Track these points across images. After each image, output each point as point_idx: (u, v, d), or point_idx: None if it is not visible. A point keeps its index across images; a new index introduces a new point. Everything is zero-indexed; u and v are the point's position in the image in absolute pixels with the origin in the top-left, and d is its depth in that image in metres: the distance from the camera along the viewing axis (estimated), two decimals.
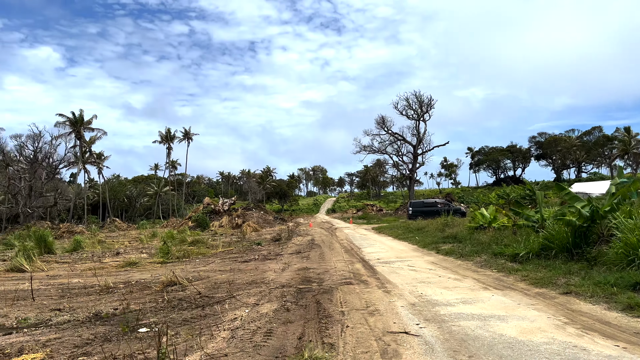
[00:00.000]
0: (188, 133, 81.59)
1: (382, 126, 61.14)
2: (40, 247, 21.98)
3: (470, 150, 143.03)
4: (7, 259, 19.66)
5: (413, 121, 62.91)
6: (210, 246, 21.21)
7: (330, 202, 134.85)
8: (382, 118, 60.65)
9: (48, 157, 56.86)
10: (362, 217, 52.62)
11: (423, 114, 62.87)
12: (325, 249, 17.25)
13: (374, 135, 61.48)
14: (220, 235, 30.63)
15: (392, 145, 63.92)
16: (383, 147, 62.61)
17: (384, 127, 61.18)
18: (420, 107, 62.60)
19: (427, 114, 62.61)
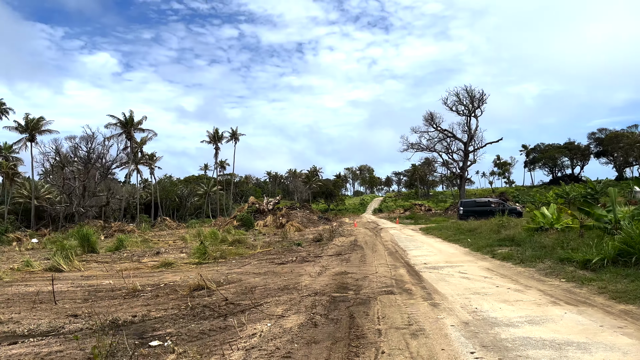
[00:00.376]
0: (235, 133, 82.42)
1: (430, 123, 58.98)
2: (83, 246, 22.12)
3: (525, 147, 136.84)
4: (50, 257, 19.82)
5: (464, 117, 60.33)
6: (250, 246, 20.54)
7: (377, 201, 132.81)
8: (431, 114, 58.49)
9: (101, 157, 58.74)
10: (410, 217, 50.78)
11: (474, 110, 60.12)
12: (368, 251, 16.07)
13: (422, 132, 59.43)
14: (262, 235, 30.07)
15: (441, 142, 61.59)
16: (432, 144, 60.43)
17: (432, 124, 58.99)
18: (471, 102, 59.89)
19: (479, 109, 59.83)
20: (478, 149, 61.13)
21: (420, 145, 59.68)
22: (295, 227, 33.79)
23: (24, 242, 37.41)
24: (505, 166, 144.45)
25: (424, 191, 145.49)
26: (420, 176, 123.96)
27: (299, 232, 32.33)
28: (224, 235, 24.55)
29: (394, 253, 15.17)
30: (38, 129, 51.44)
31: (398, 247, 17.26)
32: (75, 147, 55.77)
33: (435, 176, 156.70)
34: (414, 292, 8.14)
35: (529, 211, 46.04)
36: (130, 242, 24.12)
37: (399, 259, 13.38)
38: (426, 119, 58.52)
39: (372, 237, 23.68)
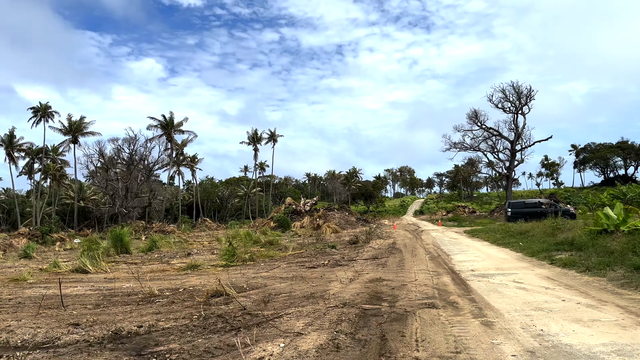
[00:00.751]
0: (273, 134, 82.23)
1: (474, 121, 56.42)
2: (116, 247, 21.81)
3: (575, 147, 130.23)
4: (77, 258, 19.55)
5: (510, 115, 57.39)
6: (282, 248, 19.56)
7: (418, 203, 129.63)
8: (475, 112, 55.95)
9: (143, 159, 59.69)
10: (453, 219, 48.57)
11: (522, 106, 57.09)
12: (407, 255, 14.70)
13: (465, 131, 56.92)
14: (298, 236, 29.11)
15: (486, 141, 58.83)
16: (476, 143, 57.80)
17: (476, 122, 56.40)
18: (518, 99, 56.91)
19: (526, 106, 56.77)
20: (526, 148, 58.04)
21: (464, 145, 57.22)
22: (331, 228, 32.64)
23: (66, 242, 38.10)
24: (554, 167, 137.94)
25: (467, 193, 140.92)
26: (464, 177, 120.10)
27: (336, 233, 31.16)
28: (257, 236, 23.72)
29: (436, 258, 13.74)
30: (81, 130, 52.69)
31: (441, 250, 15.78)
32: (118, 149, 56.92)
33: (479, 177, 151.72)
34: (460, 305, 6.80)
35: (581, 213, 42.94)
36: (163, 243, 23.67)
37: (441, 265, 11.97)
38: (470, 116, 56.04)
39: (412, 239, 22.20)
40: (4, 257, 24.11)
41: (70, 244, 35.06)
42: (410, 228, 36.33)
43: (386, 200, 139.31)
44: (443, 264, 12.04)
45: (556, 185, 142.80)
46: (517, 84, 56.34)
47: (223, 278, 12.25)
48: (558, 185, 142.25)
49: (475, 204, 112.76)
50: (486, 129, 57.69)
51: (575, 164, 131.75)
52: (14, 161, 54.55)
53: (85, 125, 53.91)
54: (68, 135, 52.87)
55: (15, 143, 54.10)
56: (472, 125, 56.72)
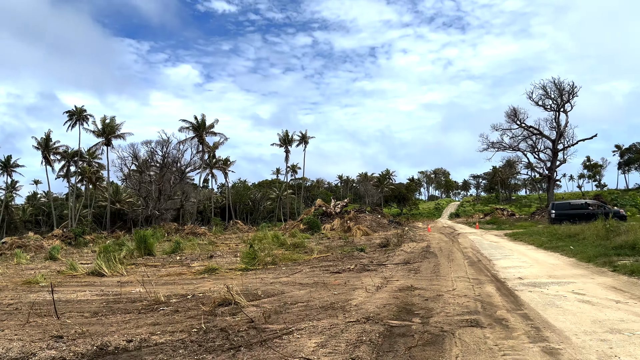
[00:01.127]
0: (305, 136, 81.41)
1: (513, 119, 53.82)
2: (140, 249, 21.24)
3: (619, 148, 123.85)
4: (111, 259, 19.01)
5: (551, 112, 54.47)
6: (309, 250, 18.43)
7: (454, 206, 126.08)
8: (514, 110, 53.35)
9: (176, 161, 59.96)
10: (491, 221, 46.22)
11: (563, 104, 54.09)
12: (442, 260, 13.28)
13: (503, 130, 54.35)
14: (327, 239, 27.94)
15: (525, 140, 56.08)
16: (515, 143, 55.14)
17: (515, 120, 53.78)
18: (559, 96, 53.96)
19: (569, 103, 53.74)
20: (568, 147, 54.94)
21: (502, 144, 54.68)
22: (362, 230, 31.31)
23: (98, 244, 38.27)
24: (596, 168, 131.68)
25: (505, 195, 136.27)
26: (502, 179, 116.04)
27: (366, 236, 29.82)
28: (284, 238, 22.70)
29: (476, 263, 12.27)
30: (113, 132, 53.18)
31: (481, 255, 14.26)
32: (151, 152, 57.32)
33: (517, 179, 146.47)
34: (511, 324, 5.45)
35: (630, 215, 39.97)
36: (187, 245, 22.98)
37: (483, 271, 10.53)
38: (509, 115, 53.50)
39: (448, 242, 20.64)
40: (32, 258, 23.99)
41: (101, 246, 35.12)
42: (445, 231, 34.55)
43: (420, 203, 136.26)
44: (485, 270, 10.59)
45: (599, 187, 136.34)
46: (558, 80, 53.48)
47: (238, 283, 11.22)
48: (601, 187, 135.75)
49: (514, 206, 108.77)
50: (526, 128, 54.98)
51: (619, 165, 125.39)
52: (50, 164, 55.74)
53: (118, 126, 54.51)
54: (101, 137, 53.51)
55: (51, 146, 55.26)
56: (511, 124, 54.17)
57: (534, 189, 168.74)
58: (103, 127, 52.38)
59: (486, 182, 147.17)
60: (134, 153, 53.93)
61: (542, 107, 54.56)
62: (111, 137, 53.38)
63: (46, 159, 54.62)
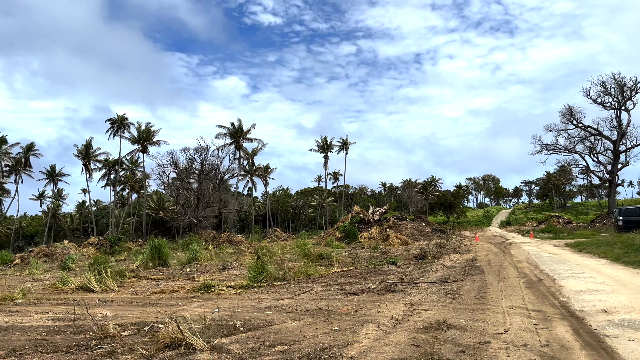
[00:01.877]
0: (346, 142, 78.84)
1: (569, 119, 49.08)
2: (154, 259, 19.48)
3: None
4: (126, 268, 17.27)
5: (611, 111, 49.33)
6: (333, 262, 15.92)
7: (505, 214, 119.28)
8: (570, 109, 48.60)
9: (214, 168, 59.06)
10: (547, 230, 41.78)
11: (625, 101, 48.85)
12: (491, 278, 10.40)
13: (558, 130, 49.68)
14: (362, 248, 25.27)
15: (583, 142, 51.12)
16: (571, 144, 50.29)
17: (571, 120, 49.01)
18: (621, 93, 48.78)
19: (631, 100, 48.44)
20: (631, 149, 49.53)
21: (557, 146, 50.01)
22: (400, 239, 28.38)
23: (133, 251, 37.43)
24: None
25: (560, 202, 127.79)
26: (556, 185, 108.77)
27: (405, 245, 26.90)
28: (307, 248, 20.31)
29: (536, 284, 9.33)
30: (149, 139, 52.69)
31: (541, 272, 11.23)
32: (191, 159, 56.62)
33: (573, 185, 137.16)
34: None
35: None
36: (203, 255, 21.03)
37: (547, 298, 7.64)
38: (564, 114, 48.82)
39: (498, 254, 17.49)
40: (50, 268, 22.76)
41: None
42: (495, 240, 30.98)
43: (468, 211, 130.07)
44: (549, 297, 7.70)
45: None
46: (619, 75, 48.34)
47: (227, 307, 8.92)
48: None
49: (570, 214, 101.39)
50: (583, 128, 50.06)
51: None
52: (90, 172, 56.10)
53: (154, 133, 53.95)
54: (137, 144, 53.17)
55: (91, 154, 55.58)
56: (567, 124, 49.46)
57: (590, 196, 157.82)
58: (139, 134, 52.04)
59: (539, 189, 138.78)
60: (173, 160, 53.35)
61: (601, 106, 49.55)
62: (147, 144, 52.92)
63: (86, 167, 54.98)
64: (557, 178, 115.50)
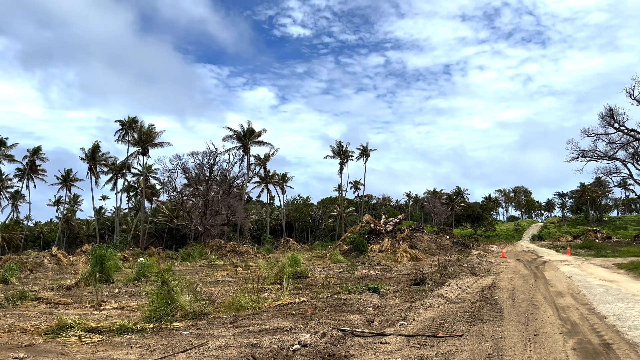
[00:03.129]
0: (366, 149, 74.20)
1: (609, 122, 43.29)
2: (94, 274, 15.65)
3: None
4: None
5: None
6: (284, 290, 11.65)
7: (536, 227, 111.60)
8: (610, 110, 42.82)
9: (225, 174, 55.66)
10: (585, 245, 36.13)
11: None
12: (511, 330, 5.95)
13: (597, 135, 43.92)
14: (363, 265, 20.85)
15: (625, 148, 45.18)
16: (612, 150, 44.44)
17: (613, 123, 43.23)
18: None
19: None
20: None
21: (596, 152, 44.23)
22: (410, 254, 23.78)
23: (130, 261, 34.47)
24: None
25: (596, 216, 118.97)
26: (592, 197, 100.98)
27: (415, 261, 22.31)
28: (282, 262, 16.12)
29: (601, 352, 4.86)
30: (150, 141, 49.25)
31: (600, 320, 6.69)
32: (201, 165, 53.32)
33: (609, 198, 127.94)
34: None
35: None
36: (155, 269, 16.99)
37: None
38: (603, 117, 43.08)
39: (528, 279, 12.83)
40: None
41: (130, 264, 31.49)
42: (525, 257, 25.96)
43: (498, 224, 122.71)
44: None
45: None
46: None
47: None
48: None
49: (607, 228, 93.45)
50: (626, 132, 44.13)
51: None
52: (96, 176, 53.33)
53: (156, 135, 50.48)
54: (137, 146, 49.80)
55: (98, 158, 52.68)
56: (607, 128, 43.64)
57: (627, 210, 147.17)
58: (139, 135, 48.73)
59: (573, 202, 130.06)
60: (181, 165, 50.12)
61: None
62: (148, 146, 49.55)
63: (91, 171, 52.27)
64: (593, 190, 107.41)
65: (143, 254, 41.84)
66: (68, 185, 62.01)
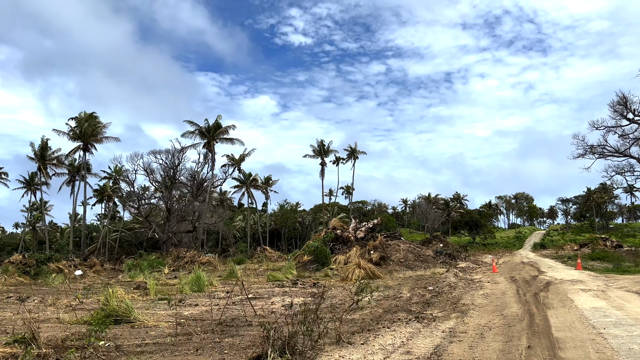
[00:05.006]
0: (354, 151, 67.92)
1: (622, 112, 36.96)
2: None
3: None
4: None
5: None
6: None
7: (538, 235, 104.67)
8: (624, 98, 36.40)
9: (194, 176, 49.59)
10: (597, 256, 29.71)
11: None
12: None
13: (607, 127, 37.57)
14: (298, 284, 14.75)
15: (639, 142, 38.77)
16: (625, 145, 38.03)
17: (626, 113, 36.89)
18: None
19: None
20: None
21: (606, 148, 37.86)
22: (366, 270, 17.55)
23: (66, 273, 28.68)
24: None
25: (602, 223, 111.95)
26: (597, 203, 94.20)
27: (373, 279, 16.11)
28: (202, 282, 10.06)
29: None
30: (95, 135, 42.40)
31: None
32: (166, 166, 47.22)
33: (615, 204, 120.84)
34: None
35: None
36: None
37: None
38: (615, 106, 36.73)
39: (517, 333, 6.71)
40: None
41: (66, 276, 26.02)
42: (522, 273, 19.71)
43: (498, 231, 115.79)
44: None
45: None
46: None
47: None
48: None
49: (614, 236, 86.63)
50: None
51: None
52: (46, 177, 46.92)
53: (100, 128, 43.47)
54: (78, 140, 42.99)
55: (48, 156, 46.01)
56: (619, 119, 37.27)
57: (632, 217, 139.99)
58: (80, 128, 41.94)
59: (577, 208, 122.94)
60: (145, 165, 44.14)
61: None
62: (91, 141, 42.72)
63: (41, 171, 45.84)
64: (599, 195, 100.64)
65: (80, 266, 35.91)
66: (32, 189, 56.17)
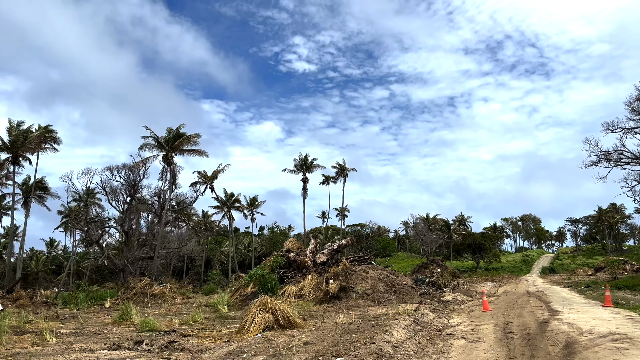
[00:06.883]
0: (344, 168, 62.27)
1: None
2: None
3: None
4: None
5: None
6: None
7: (547, 258, 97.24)
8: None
9: (159, 195, 43.98)
10: (626, 284, 23.12)
11: None
12: None
13: (625, 130, 31.64)
14: (164, 336, 8.79)
15: None
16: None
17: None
18: None
19: None
20: None
21: (624, 153, 31.84)
22: (280, 314, 11.33)
23: None
24: None
25: (615, 245, 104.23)
26: (610, 224, 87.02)
27: (283, 330, 10.10)
28: None
29: None
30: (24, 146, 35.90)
31: None
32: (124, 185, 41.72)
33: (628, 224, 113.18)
34: None
35: None
36: None
37: None
38: (634, 103, 30.92)
39: None
40: None
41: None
42: (524, 313, 13.52)
43: (504, 255, 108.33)
44: None
45: None
46: None
47: None
48: None
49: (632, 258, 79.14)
50: None
51: None
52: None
53: (36, 138, 36.15)
54: (5, 152, 36.60)
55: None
56: (637, 120, 31.39)
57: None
58: (10, 137, 35.74)
59: (587, 229, 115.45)
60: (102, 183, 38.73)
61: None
62: (22, 151, 36.41)
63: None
64: (611, 215, 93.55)
65: (2, 299, 30.03)
66: None
